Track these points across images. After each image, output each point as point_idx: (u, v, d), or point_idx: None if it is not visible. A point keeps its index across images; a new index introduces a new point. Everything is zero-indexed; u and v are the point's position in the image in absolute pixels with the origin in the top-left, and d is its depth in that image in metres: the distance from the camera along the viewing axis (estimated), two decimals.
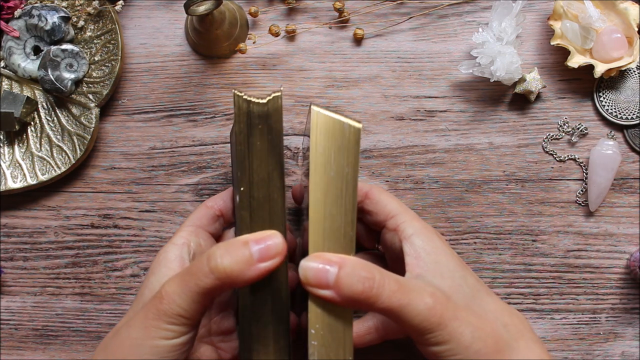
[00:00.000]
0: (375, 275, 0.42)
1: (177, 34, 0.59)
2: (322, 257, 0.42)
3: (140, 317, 0.43)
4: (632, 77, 0.57)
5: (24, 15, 0.56)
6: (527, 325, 0.47)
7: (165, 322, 0.41)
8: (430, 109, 0.57)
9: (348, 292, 0.41)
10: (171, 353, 0.42)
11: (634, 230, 0.56)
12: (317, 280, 0.41)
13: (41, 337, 0.58)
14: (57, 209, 0.58)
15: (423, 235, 0.47)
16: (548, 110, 0.57)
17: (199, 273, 0.41)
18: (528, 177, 0.57)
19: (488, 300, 0.47)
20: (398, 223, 0.48)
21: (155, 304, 0.42)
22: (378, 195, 0.50)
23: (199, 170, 0.58)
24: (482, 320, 0.44)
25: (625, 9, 0.55)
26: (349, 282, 0.41)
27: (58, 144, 0.57)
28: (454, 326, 0.42)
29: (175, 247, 0.47)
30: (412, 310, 0.41)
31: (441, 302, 0.42)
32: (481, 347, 0.43)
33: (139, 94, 0.58)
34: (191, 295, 0.41)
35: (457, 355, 0.42)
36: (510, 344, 0.44)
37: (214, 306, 0.51)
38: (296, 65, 0.58)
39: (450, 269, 0.46)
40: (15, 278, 0.58)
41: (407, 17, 0.58)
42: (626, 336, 0.56)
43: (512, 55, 0.54)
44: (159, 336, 0.42)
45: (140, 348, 0.42)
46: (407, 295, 0.42)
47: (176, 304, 0.41)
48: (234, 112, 0.43)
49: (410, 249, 0.46)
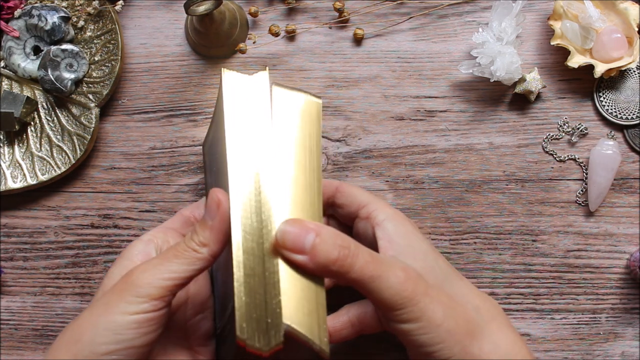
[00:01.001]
0: (350, 245, 0.42)
1: (177, 34, 0.59)
2: (300, 222, 0.42)
3: (103, 298, 0.43)
4: (632, 77, 0.57)
5: (24, 15, 0.56)
6: (500, 311, 0.47)
7: (129, 296, 0.41)
8: (430, 109, 0.57)
9: (323, 259, 0.41)
10: (128, 330, 0.41)
11: (634, 230, 0.56)
12: (294, 244, 0.42)
13: (41, 337, 0.58)
14: (57, 209, 0.58)
15: (395, 221, 0.47)
16: (548, 110, 0.57)
17: (168, 253, 0.43)
18: (528, 177, 0.57)
19: (460, 284, 0.47)
20: (370, 211, 0.48)
21: (121, 282, 0.42)
22: (348, 189, 0.50)
23: (199, 170, 0.58)
24: (454, 300, 0.44)
25: (625, 9, 0.55)
26: (325, 249, 0.41)
27: (58, 144, 0.57)
28: (425, 302, 0.42)
29: (141, 242, 0.48)
30: (383, 283, 0.42)
31: (413, 277, 0.43)
32: (453, 326, 0.43)
33: (139, 94, 0.58)
34: (162, 272, 0.42)
35: (428, 333, 0.42)
36: (482, 327, 0.45)
37: (190, 307, 0.50)
38: (296, 65, 0.58)
39: (423, 251, 0.46)
40: (15, 278, 0.58)
41: (407, 17, 0.58)
42: (626, 336, 0.56)
43: (512, 55, 0.54)
44: (118, 310, 0.41)
45: (97, 323, 0.42)
46: (380, 267, 0.42)
47: (146, 280, 0.41)
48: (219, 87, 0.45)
49: (383, 233, 0.47)
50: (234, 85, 0.44)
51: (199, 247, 0.42)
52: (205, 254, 0.42)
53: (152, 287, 0.41)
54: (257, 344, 0.41)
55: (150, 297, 0.41)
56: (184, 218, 0.52)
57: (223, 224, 0.42)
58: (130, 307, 0.41)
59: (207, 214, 0.43)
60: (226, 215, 0.42)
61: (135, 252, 0.47)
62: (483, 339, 0.44)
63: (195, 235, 0.43)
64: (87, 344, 0.41)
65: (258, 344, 0.41)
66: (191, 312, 0.50)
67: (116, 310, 0.41)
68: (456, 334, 0.43)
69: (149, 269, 0.42)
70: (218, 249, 0.43)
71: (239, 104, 0.44)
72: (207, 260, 0.43)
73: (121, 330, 0.41)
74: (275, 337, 0.41)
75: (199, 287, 0.50)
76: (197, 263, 0.42)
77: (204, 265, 0.43)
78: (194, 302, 0.50)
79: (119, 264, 0.47)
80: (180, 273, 0.42)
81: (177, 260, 0.42)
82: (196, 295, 0.50)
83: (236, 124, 0.44)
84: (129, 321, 0.41)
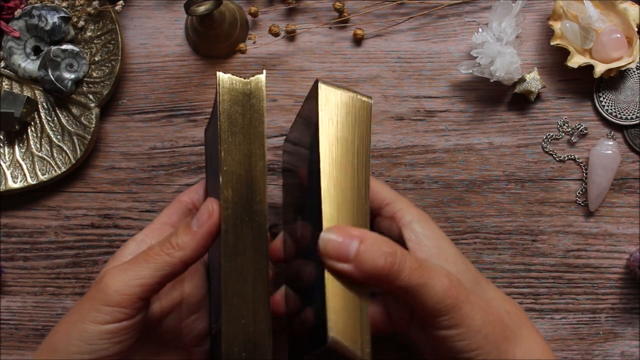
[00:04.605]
0: (397, 251, 0.41)
1: (177, 34, 0.59)
2: (343, 229, 0.41)
3: (77, 305, 0.42)
4: (632, 77, 0.57)
5: (24, 16, 0.56)
6: (525, 315, 0.47)
7: (99, 304, 0.40)
8: (430, 109, 0.57)
9: (369, 266, 0.40)
10: (100, 340, 0.40)
11: (633, 230, 0.56)
12: (337, 253, 0.40)
13: (41, 337, 0.58)
14: (57, 209, 0.58)
15: (422, 222, 0.46)
16: (548, 111, 0.57)
17: (139, 257, 0.42)
18: (528, 177, 0.57)
19: (489, 288, 0.47)
20: (395, 210, 0.47)
21: (93, 289, 0.41)
22: (372, 183, 0.48)
23: (199, 170, 0.58)
24: (489, 305, 0.44)
25: (625, 9, 0.55)
26: (371, 256, 0.40)
27: (58, 144, 0.57)
28: (466, 309, 0.41)
29: (134, 242, 0.48)
30: (429, 290, 0.41)
31: (456, 284, 0.42)
32: (490, 332, 0.42)
33: (139, 94, 0.59)
34: (130, 279, 0.40)
35: (466, 340, 0.42)
36: (515, 332, 0.44)
37: (185, 307, 0.49)
38: (296, 65, 0.58)
39: (453, 254, 0.46)
40: (16, 278, 0.58)
41: (407, 17, 0.58)
42: (626, 336, 0.56)
43: (512, 55, 0.54)
44: (89, 319, 0.40)
45: (70, 332, 0.41)
46: (426, 274, 0.41)
47: (114, 287, 0.40)
48: (216, 90, 0.43)
49: (412, 235, 0.46)
50: (230, 89, 0.43)
51: (173, 250, 0.41)
52: (176, 259, 0.41)
53: (120, 295, 0.40)
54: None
55: (119, 305, 0.40)
56: (182, 206, 0.51)
57: (207, 235, 0.41)
58: (101, 316, 0.40)
59: (195, 220, 0.42)
60: (214, 228, 0.41)
61: (127, 254, 0.46)
62: (517, 345, 0.44)
63: (174, 237, 0.42)
64: (62, 353, 0.41)
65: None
66: (186, 313, 0.49)
67: (87, 320, 0.40)
68: (493, 340, 0.42)
69: (119, 274, 0.41)
70: (192, 256, 0.42)
71: (236, 109, 0.43)
72: (177, 266, 0.41)
73: (93, 340, 0.40)
74: (263, 356, 0.41)
75: (195, 287, 0.50)
76: (166, 268, 0.41)
77: (173, 271, 0.41)
78: (189, 303, 0.49)
79: (110, 265, 0.46)
80: (148, 279, 0.41)
81: (146, 265, 0.41)
82: (191, 295, 0.49)
83: (231, 131, 0.43)
84: (101, 331, 0.40)
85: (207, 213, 0.41)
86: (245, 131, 0.43)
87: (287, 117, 0.57)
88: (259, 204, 0.42)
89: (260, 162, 0.43)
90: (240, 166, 0.42)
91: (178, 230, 0.42)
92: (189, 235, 0.41)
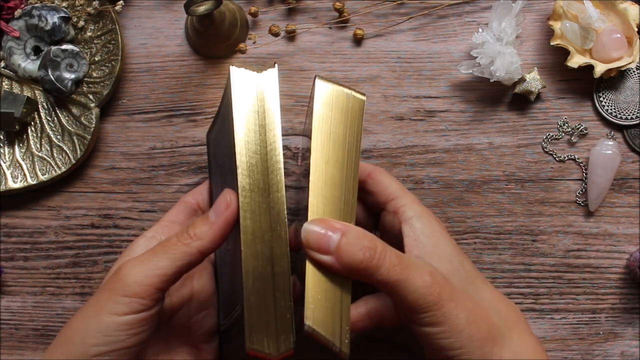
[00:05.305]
0: (377, 246, 0.41)
1: (177, 34, 0.59)
2: (326, 222, 0.42)
3: (94, 297, 0.42)
4: (632, 77, 0.57)
5: (24, 16, 0.56)
6: (521, 317, 0.47)
7: (117, 295, 0.40)
8: (430, 109, 0.57)
9: (348, 259, 0.41)
10: (117, 332, 0.40)
11: (633, 230, 0.56)
12: (318, 244, 0.41)
13: (41, 337, 0.58)
14: (57, 209, 0.58)
15: (423, 219, 0.46)
16: (548, 111, 0.57)
17: (157, 247, 0.42)
18: (528, 177, 0.57)
19: (484, 288, 0.46)
20: (398, 206, 0.47)
21: (111, 280, 0.42)
22: (380, 177, 0.49)
23: (199, 170, 0.58)
24: (478, 306, 0.44)
25: (625, 9, 0.55)
26: (351, 250, 0.41)
27: (58, 144, 0.57)
28: (449, 307, 0.42)
29: (144, 239, 0.48)
30: (409, 286, 0.41)
31: (439, 281, 0.42)
32: (474, 332, 0.42)
33: (139, 94, 0.59)
34: (148, 269, 0.41)
35: (449, 338, 0.42)
36: (504, 333, 0.44)
37: (195, 304, 0.50)
38: (296, 65, 0.58)
39: (449, 253, 0.46)
40: (16, 278, 0.58)
41: (407, 17, 0.58)
42: (626, 336, 0.56)
43: (512, 55, 0.54)
44: (107, 310, 0.41)
45: (87, 324, 0.41)
46: (407, 270, 0.41)
47: (132, 278, 0.41)
48: (226, 84, 0.43)
49: (410, 231, 0.46)
50: (243, 83, 0.43)
51: (191, 240, 0.42)
52: (194, 249, 0.42)
53: (139, 285, 0.41)
54: (267, 349, 0.41)
55: (137, 296, 0.41)
56: (187, 207, 0.51)
57: (225, 225, 0.42)
58: (119, 307, 0.41)
59: (213, 211, 0.42)
60: (232, 218, 0.42)
61: (138, 249, 0.47)
62: (504, 346, 0.44)
63: (192, 227, 0.42)
64: (78, 346, 0.41)
65: (267, 350, 0.41)
66: (195, 309, 0.50)
67: (105, 311, 0.41)
68: (477, 340, 0.42)
69: (137, 264, 0.41)
70: (210, 247, 0.42)
71: (248, 103, 0.43)
72: (195, 256, 0.42)
73: (111, 331, 0.40)
74: (285, 343, 0.41)
75: (204, 283, 0.50)
76: (184, 258, 0.41)
77: (190, 261, 0.42)
78: (198, 299, 0.50)
79: (121, 261, 0.46)
80: (166, 269, 0.41)
81: (165, 255, 0.41)
82: (200, 292, 0.50)
83: (246, 123, 0.43)
84: (118, 322, 0.41)
85: (224, 203, 0.42)
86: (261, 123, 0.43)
87: (287, 117, 0.57)
88: (276, 192, 0.42)
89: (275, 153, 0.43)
90: (256, 156, 0.43)
91: (195, 222, 0.43)
92: (206, 225, 0.42)
